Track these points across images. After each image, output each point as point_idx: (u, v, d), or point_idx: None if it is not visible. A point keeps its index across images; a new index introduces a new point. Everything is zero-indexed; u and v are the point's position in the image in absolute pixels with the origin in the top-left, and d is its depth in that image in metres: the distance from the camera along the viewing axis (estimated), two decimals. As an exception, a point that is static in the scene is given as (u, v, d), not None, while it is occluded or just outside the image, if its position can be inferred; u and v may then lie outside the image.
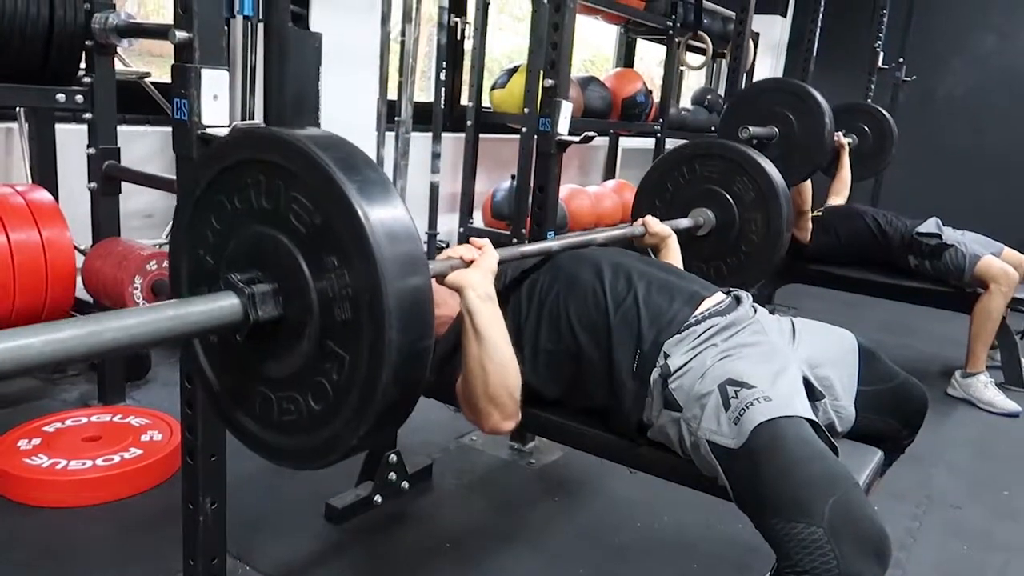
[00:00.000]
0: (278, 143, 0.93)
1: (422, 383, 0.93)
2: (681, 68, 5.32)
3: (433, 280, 1.29)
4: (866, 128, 4.23)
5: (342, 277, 0.89)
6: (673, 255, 1.91)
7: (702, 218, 2.21)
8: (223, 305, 0.91)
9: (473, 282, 1.29)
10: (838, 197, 3.81)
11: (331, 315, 0.90)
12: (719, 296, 1.48)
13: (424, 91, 4.14)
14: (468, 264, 1.32)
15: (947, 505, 2.28)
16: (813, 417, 1.23)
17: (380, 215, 0.87)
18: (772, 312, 1.57)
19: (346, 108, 3.06)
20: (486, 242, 1.36)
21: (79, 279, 2.21)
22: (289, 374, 0.96)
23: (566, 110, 2.15)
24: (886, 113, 4.27)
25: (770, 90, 3.16)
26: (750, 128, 2.90)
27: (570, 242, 1.64)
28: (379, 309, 0.85)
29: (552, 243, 1.62)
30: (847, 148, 3.91)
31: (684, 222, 2.17)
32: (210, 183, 1.01)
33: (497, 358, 1.28)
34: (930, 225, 3.27)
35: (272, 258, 0.94)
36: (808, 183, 3.33)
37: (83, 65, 2.16)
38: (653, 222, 1.93)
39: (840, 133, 3.86)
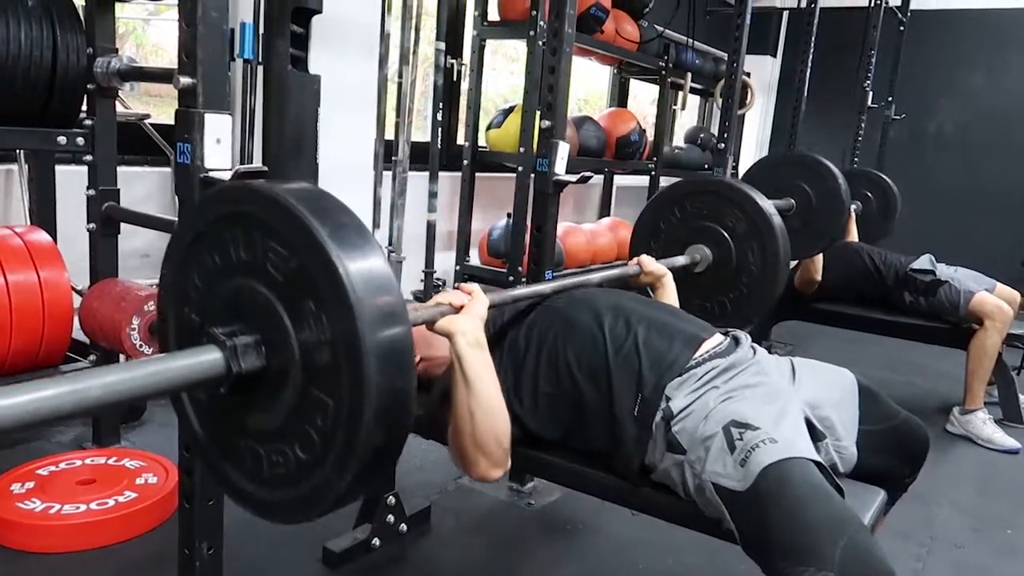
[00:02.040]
0: (254, 195, 0.94)
1: (407, 425, 0.92)
2: (673, 108, 5.40)
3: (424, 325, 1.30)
4: (869, 194, 4.28)
5: (320, 321, 0.89)
6: (669, 294, 1.92)
7: (698, 255, 2.22)
8: (205, 359, 0.91)
9: (463, 328, 1.29)
10: None
11: (313, 361, 0.90)
12: (718, 338, 1.48)
13: (421, 129, 4.19)
14: (458, 310, 1.32)
15: (951, 544, 2.26)
16: (818, 458, 1.22)
17: (354, 257, 0.88)
18: (769, 350, 1.57)
19: (344, 148, 3.08)
20: (476, 287, 1.37)
21: (76, 319, 2.20)
22: (276, 425, 0.95)
23: (563, 151, 2.17)
24: (888, 179, 4.32)
25: (787, 163, 3.22)
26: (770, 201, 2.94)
27: (564, 284, 1.64)
28: (357, 349, 0.85)
29: (545, 286, 1.62)
30: (853, 215, 3.95)
31: (680, 260, 2.17)
32: (193, 241, 1.02)
33: (485, 405, 1.28)
34: (923, 262, 3.29)
35: (252, 309, 0.95)
36: (820, 255, 3.36)
37: (84, 107, 2.18)
38: (648, 261, 1.94)
39: None
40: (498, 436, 1.30)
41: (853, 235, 3.90)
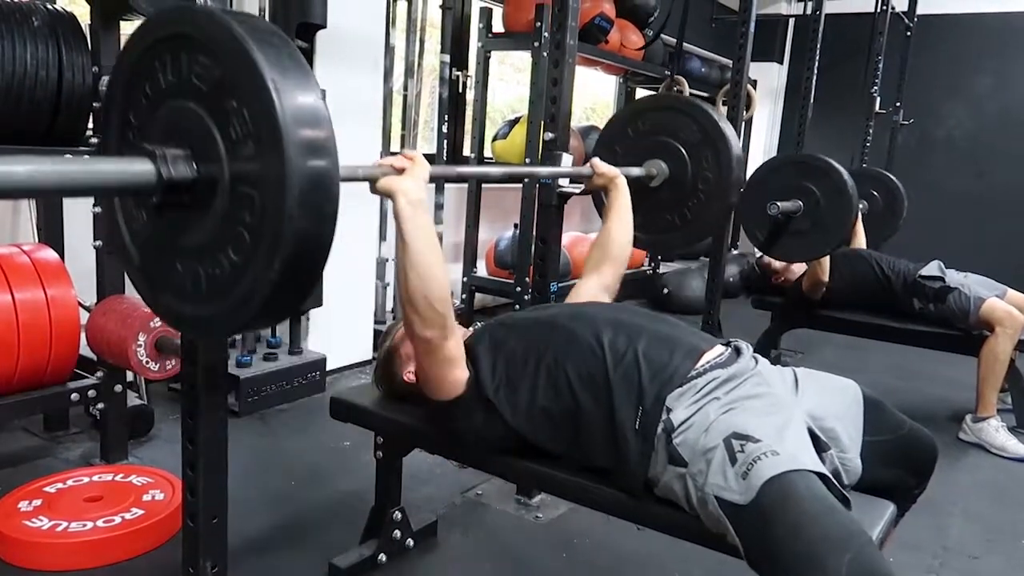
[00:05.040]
0: (183, 13, 0.98)
1: (331, 213, 0.93)
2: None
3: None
4: (875, 193, 4.27)
5: (241, 115, 0.92)
6: (623, 196, 1.96)
7: (654, 168, 2.27)
8: (137, 168, 0.94)
9: (404, 188, 1.32)
10: None
11: (238, 158, 0.93)
12: (719, 348, 1.47)
13: (427, 141, 4.21)
14: (400, 172, 1.34)
15: (964, 555, 2.23)
16: (823, 470, 1.21)
17: (269, 53, 0.90)
18: (778, 357, 1.57)
19: (350, 162, 3.08)
20: (417, 154, 1.39)
21: (83, 336, 2.21)
22: (209, 235, 0.98)
23: (566, 162, 2.17)
24: (894, 178, 4.31)
25: (792, 164, 3.21)
26: (779, 204, 2.96)
27: (508, 172, 1.71)
28: (276, 133, 0.88)
29: (492, 169, 1.72)
30: (859, 215, 3.93)
31: (635, 171, 2.23)
32: (128, 78, 1.06)
33: (420, 264, 1.32)
34: (932, 268, 3.26)
35: (182, 126, 0.98)
36: (827, 257, 3.34)
37: (90, 125, 2.19)
38: (600, 163, 1.99)
39: None
40: (429, 296, 1.33)
41: (860, 235, 3.88)
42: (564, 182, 2.20)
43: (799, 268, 3.53)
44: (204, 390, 1.39)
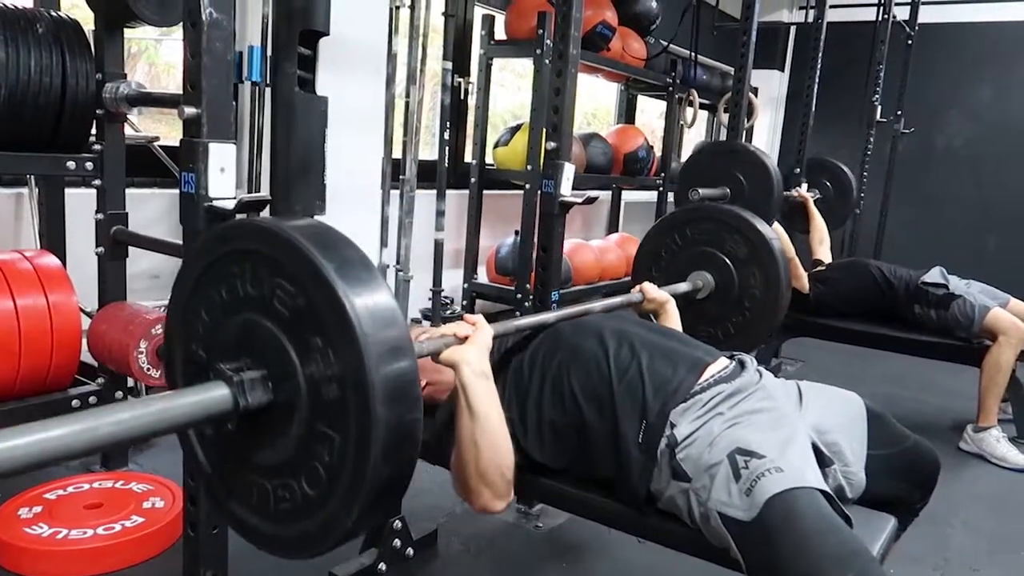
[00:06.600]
0: (261, 233, 0.95)
1: (414, 459, 0.92)
2: (681, 123, 5.42)
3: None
4: (827, 182, 4.47)
5: (327, 356, 0.89)
6: (673, 320, 1.92)
7: (700, 281, 2.24)
8: (213, 395, 0.92)
9: (468, 358, 1.29)
10: (822, 246, 3.88)
11: (319, 396, 0.90)
12: (723, 362, 1.47)
13: (430, 146, 4.21)
14: (462, 341, 1.32)
15: (966, 567, 2.23)
16: (826, 487, 1.21)
17: (360, 292, 0.88)
18: (780, 367, 1.57)
19: (353, 168, 3.09)
20: (479, 318, 1.37)
21: (84, 342, 2.21)
22: (282, 460, 0.95)
23: (568, 172, 2.17)
24: (842, 165, 4.53)
25: (719, 153, 3.22)
26: (700, 190, 2.95)
27: (568, 313, 1.65)
28: (363, 385, 0.86)
29: (549, 315, 1.63)
30: (811, 202, 4.02)
31: (682, 287, 2.19)
32: (199, 277, 1.03)
33: (490, 436, 1.28)
34: (935, 275, 3.26)
35: (259, 345, 0.95)
36: (781, 229, 3.40)
37: (93, 131, 2.20)
38: (650, 288, 1.94)
39: (802, 188, 4.05)
40: (502, 468, 1.29)
41: (817, 219, 3.96)
42: (566, 191, 2.20)
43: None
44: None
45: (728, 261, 2.22)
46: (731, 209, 2.26)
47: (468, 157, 4.29)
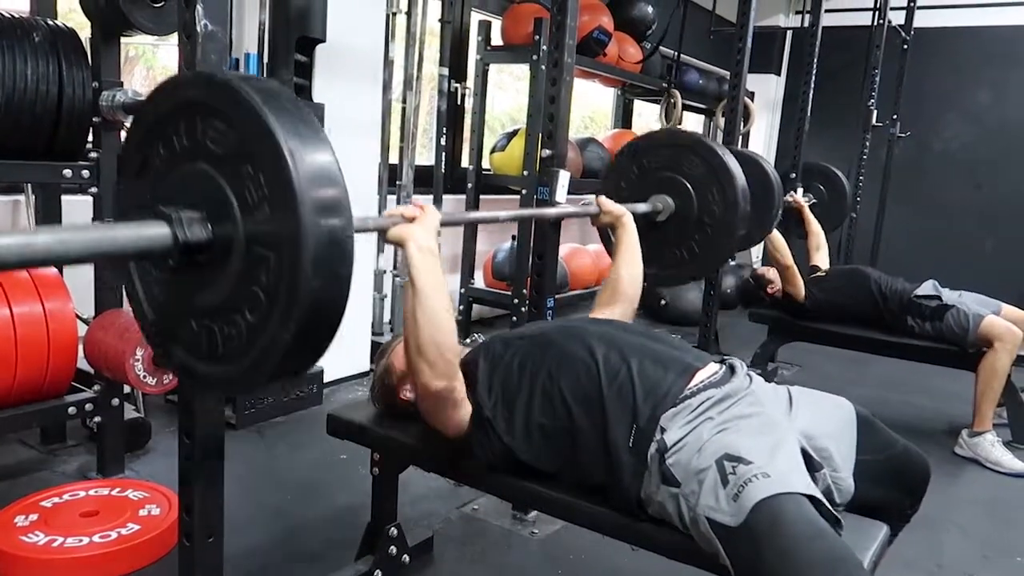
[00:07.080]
0: (197, 81, 1.01)
1: (346, 275, 0.95)
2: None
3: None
4: (821, 186, 4.48)
5: (257, 180, 0.93)
6: (630, 233, 1.97)
7: (660, 203, 2.29)
8: (154, 231, 0.96)
9: (415, 235, 1.34)
10: (819, 252, 3.90)
11: (254, 220, 0.94)
12: (713, 367, 1.48)
13: (427, 148, 4.22)
14: (410, 221, 1.36)
15: (960, 572, 2.23)
16: (814, 493, 1.21)
17: (287, 119, 0.92)
18: (775, 370, 1.58)
19: (349, 174, 3.08)
20: (428, 202, 1.41)
21: (80, 349, 2.22)
22: (225, 296, 0.99)
23: (563, 179, 2.18)
24: (835, 170, 4.53)
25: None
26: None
27: (515, 215, 1.73)
28: (290, 190, 0.89)
29: (500, 213, 1.76)
30: (807, 208, 4.04)
31: (641, 207, 2.24)
32: (139, 143, 1.07)
33: (430, 312, 1.32)
34: (928, 288, 3.29)
35: (197, 189, 0.99)
36: (779, 236, 3.44)
37: (90, 139, 2.20)
38: (606, 201, 2.00)
39: (798, 193, 4.07)
40: (439, 345, 1.33)
41: (814, 224, 3.97)
42: (561, 198, 2.21)
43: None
44: (201, 404, 1.40)
45: (685, 182, 2.27)
46: (679, 131, 2.31)
47: (465, 162, 4.30)
